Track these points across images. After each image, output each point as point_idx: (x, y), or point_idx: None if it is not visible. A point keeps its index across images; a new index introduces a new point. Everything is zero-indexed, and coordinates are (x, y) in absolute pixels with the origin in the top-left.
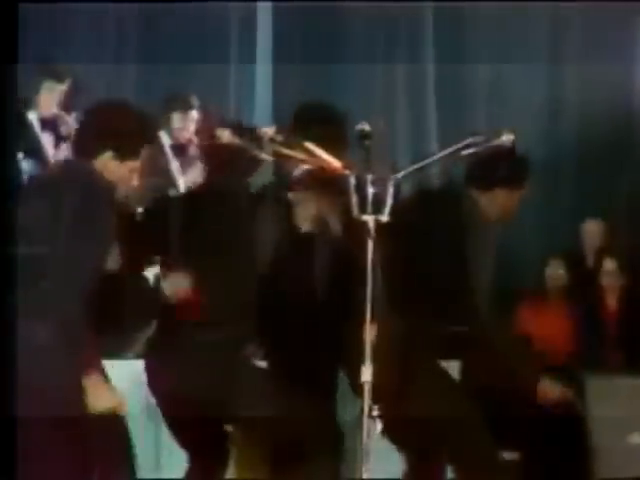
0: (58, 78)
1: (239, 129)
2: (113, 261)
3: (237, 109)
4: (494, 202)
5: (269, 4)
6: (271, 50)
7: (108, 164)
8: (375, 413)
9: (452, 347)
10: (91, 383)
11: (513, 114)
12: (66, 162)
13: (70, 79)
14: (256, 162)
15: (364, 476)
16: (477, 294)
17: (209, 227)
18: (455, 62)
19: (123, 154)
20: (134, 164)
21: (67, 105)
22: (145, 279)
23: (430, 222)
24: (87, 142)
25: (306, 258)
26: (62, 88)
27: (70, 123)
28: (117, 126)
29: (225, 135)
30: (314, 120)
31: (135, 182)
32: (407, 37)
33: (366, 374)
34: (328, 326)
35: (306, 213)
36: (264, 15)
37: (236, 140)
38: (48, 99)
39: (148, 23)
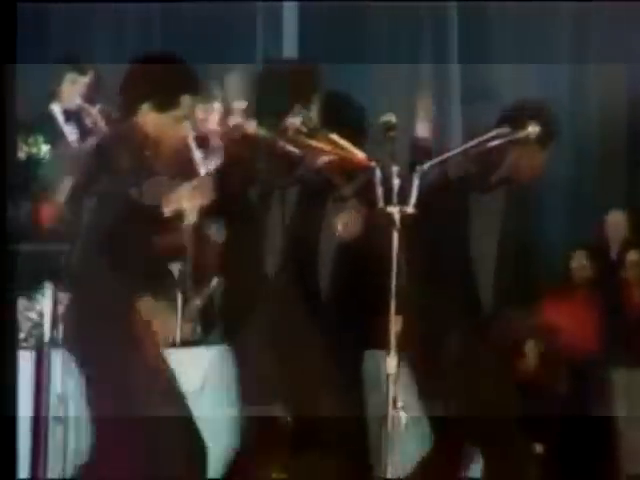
0: (81, 70)
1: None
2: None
3: None
4: (523, 158)
5: (295, 4)
6: (297, 50)
7: (148, 117)
8: (400, 405)
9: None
10: (145, 305)
11: None
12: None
13: (93, 72)
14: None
15: (389, 468)
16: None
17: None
18: (479, 61)
19: (160, 104)
20: (177, 113)
21: (91, 98)
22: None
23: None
24: (125, 97)
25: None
26: (85, 80)
27: (94, 115)
28: (150, 76)
29: (251, 127)
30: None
31: (185, 133)
32: (431, 36)
33: (391, 366)
34: (354, 316)
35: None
36: (290, 15)
37: (261, 132)
38: (71, 91)
39: (174, 22)
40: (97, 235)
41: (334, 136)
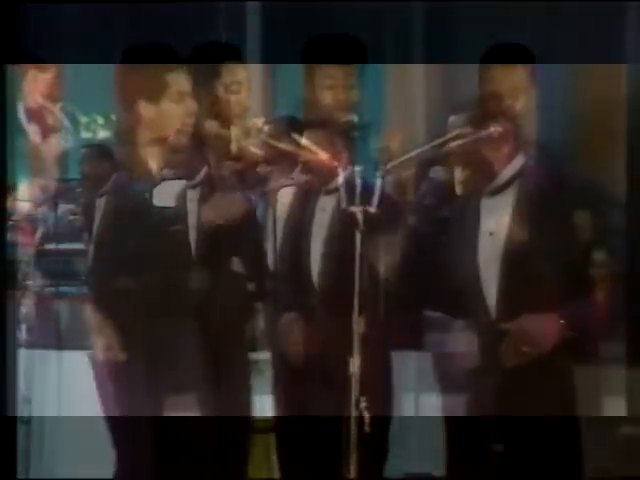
0: (42, 67)
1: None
2: None
3: None
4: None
5: (258, 4)
6: (260, 50)
7: (145, 110)
8: (363, 405)
9: None
10: None
11: None
12: None
13: (55, 68)
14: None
15: (352, 467)
16: None
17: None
18: (444, 61)
19: (150, 94)
20: (170, 92)
21: (53, 95)
22: None
23: None
24: (120, 98)
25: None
26: (47, 77)
27: (57, 113)
28: (137, 71)
29: (214, 126)
30: None
31: (190, 108)
32: (396, 36)
33: (354, 365)
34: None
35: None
36: (253, 15)
37: (225, 131)
38: (33, 89)
39: (137, 22)
40: None
41: (296, 136)
